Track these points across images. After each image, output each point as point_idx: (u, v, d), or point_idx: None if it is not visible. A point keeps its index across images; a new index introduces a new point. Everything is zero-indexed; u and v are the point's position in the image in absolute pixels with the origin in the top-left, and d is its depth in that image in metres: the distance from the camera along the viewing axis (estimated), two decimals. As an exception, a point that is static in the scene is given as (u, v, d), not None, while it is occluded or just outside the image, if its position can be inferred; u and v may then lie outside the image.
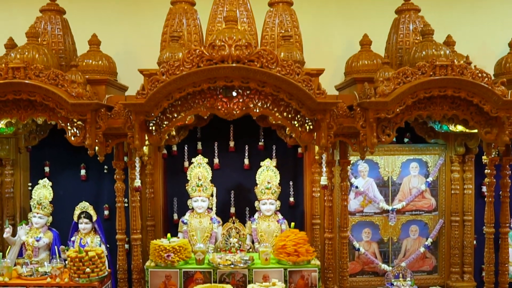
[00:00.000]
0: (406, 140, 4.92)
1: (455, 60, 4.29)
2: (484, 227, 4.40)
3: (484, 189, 4.76)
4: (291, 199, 4.88)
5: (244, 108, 3.61)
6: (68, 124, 3.79)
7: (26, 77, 3.67)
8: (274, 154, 4.86)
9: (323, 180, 4.06)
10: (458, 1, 5.35)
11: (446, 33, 4.76)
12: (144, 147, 3.97)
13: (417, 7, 4.49)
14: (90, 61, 4.29)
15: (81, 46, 4.64)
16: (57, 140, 4.55)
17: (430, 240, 4.92)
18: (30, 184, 4.88)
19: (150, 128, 3.75)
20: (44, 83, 3.68)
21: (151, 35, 4.87)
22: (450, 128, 4.41)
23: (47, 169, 4.90)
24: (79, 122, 3.77)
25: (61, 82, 3.70)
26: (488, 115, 3.81)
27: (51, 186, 4.60)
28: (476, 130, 3.98)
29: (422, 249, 4.92)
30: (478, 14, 5.37)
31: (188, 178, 4.53)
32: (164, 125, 3.74)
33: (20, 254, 4.47)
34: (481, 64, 5.11)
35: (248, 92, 3.60)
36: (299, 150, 4.80)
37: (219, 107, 3.62)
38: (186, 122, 3.88)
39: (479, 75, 3.77)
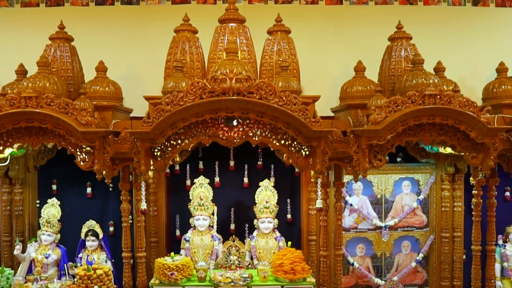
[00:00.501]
0: (398, 159, 5.15)
1: (444, 86, 4.57)
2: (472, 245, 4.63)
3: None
4: (289, 216, 5.10)
5: (244, 137, 3.83)
6: (78, 150, 4.01)
7: (38, 106, 3.89)
8: (272, 173, 5.08)
9: (318, 203, 4.28)
10: (450, 26, 5.59)
11: (438, 56, 5.01)
12: (149, 171, 4.18)
13: (408, 35, 4.71)
14: (98, 87, 4.48)
15: (88, 69, 4.83)
16: (64, 159, 4.73)
17: (421, 255, 5.15)
18: (38, 201, 5.10)
19: (155, 154, 3.97)
20: (55, 112, 3.89)
21: (154, 59, 5.12)
22: (440, 150, 4.63)
23: (54, 187, 5.12)
24: (88, 148, 3.99)
25: (71, 111, 3.91)
26: (474, 141, 4.01)
27: (59, 205, 4.81)
28: (464, 153, 4.21)
29: (413, 264, 5.15)
30: (469, 38, 5.61)
31: (190, 197, 4.75)
32: (168, 151, 3.96)
33: (29, 270, 4.68)
34: (472, 86, 5.43)
35: (247, 121, 3.82)
36: (296, 169, 5.02)
37: (221, 136, 3.83)
38: (189, 149, 4.08)
39: (466, 103, 3.98)
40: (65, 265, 4.51)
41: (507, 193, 5.23)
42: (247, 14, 4.89)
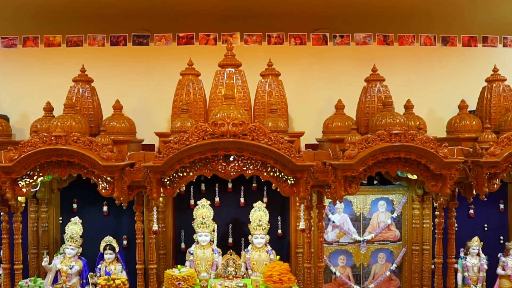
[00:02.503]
0: (375, 182, 5.87)
1: (412, 122, 5.31)
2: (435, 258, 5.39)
3: (440, 222, 5.73)
4: (279, 231, 5.80)
5: (239, 170, 4.57)
6: (100, 179, 4.75)
7: (66, 143, 4.61)
8: (265, 193, 5.78)
9: (301, 225, 5.02)
10: (422, 64, 6.37)
11: (411, 89, 5.84)
12: (160, 198, 4.93)
13: (382, 77, 5.46)
14: (115, 123, 5.22)
15: (103, 98, 5.57)
16: (83, 182, 5.44)
17: (395, 265, 5.87)
18: (61, 218, 5.80)
19: (165, 182, 4.71)
20: (80, 148, 4.63)
21: (161, 93, 5.89)
22: (409, 176, 5.38)
23: (75, 206, 5.78)
24: (108, 178, 4.73)
25: (94, 147, 4.65)
26: (433, 172, 4.73)
27: (80, 223, 5.55)
28: (427, 180, 4.94)
29: (388, 273, 5.88)
30: (439, 74, 6.41)
31: (194, 217, 5.48)
32: (176, 181, 4.70)
33: (55, 280, 5.43)
34: (441, 117, 6.21)
35: (242, 158, 4.55)
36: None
37: (220, 170, 4.58)
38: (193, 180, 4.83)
39: (427, 140, 4.70)
40: (88, 275, 5.26)
41: (471, 211, 5.96)
42: (243, 53, 5.65)
